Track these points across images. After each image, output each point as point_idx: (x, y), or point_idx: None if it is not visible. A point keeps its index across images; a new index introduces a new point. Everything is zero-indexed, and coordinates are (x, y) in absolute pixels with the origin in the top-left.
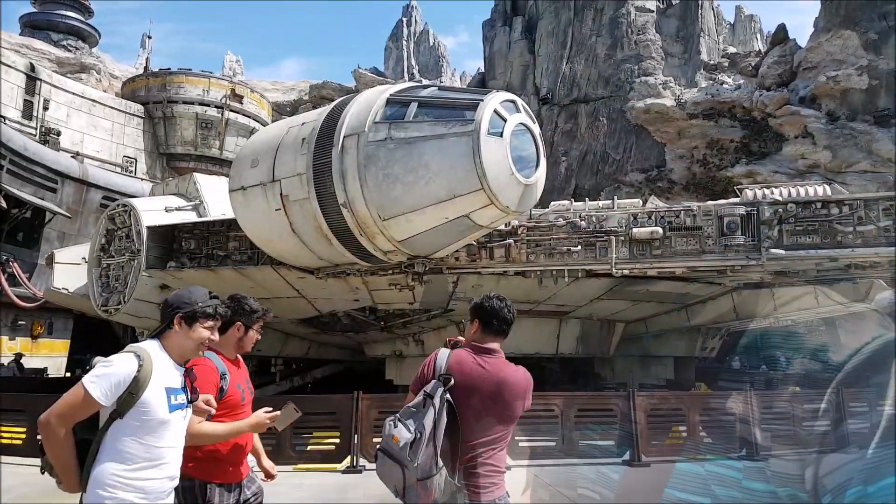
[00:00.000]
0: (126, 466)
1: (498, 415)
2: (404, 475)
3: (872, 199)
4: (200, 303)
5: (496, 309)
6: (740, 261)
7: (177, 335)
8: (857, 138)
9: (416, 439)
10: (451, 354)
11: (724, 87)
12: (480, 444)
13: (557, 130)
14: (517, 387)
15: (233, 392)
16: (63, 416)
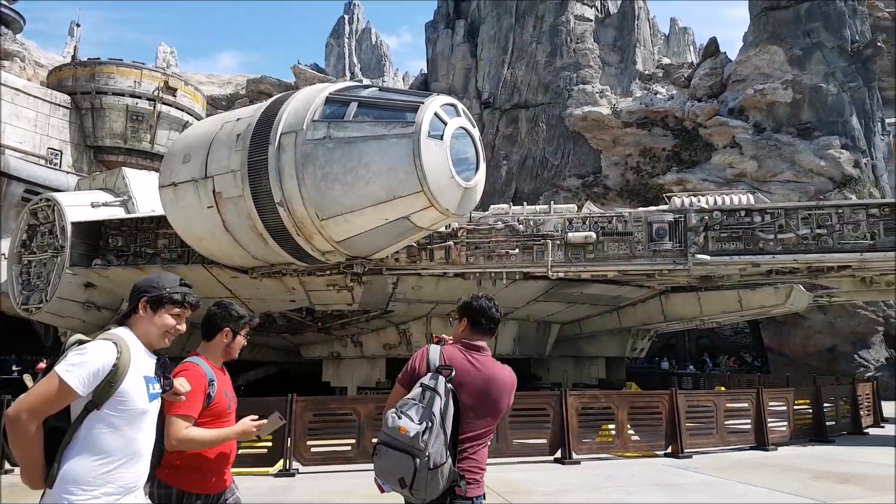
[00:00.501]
0: (104, 461)
1: (485, 411)
2: (415, 464)
3: (792, 208)
4: (168, 288)
5: (484, 308)
6: (668, 265)
7: (142, 320)
8: (782, 149)
9: (427, 428)
10: (442, 350)
11: (657, 97)
12: (467, 439)
13: (499, 134)
14: (504, 384)
15: (220, 399)
16: (35, 411)
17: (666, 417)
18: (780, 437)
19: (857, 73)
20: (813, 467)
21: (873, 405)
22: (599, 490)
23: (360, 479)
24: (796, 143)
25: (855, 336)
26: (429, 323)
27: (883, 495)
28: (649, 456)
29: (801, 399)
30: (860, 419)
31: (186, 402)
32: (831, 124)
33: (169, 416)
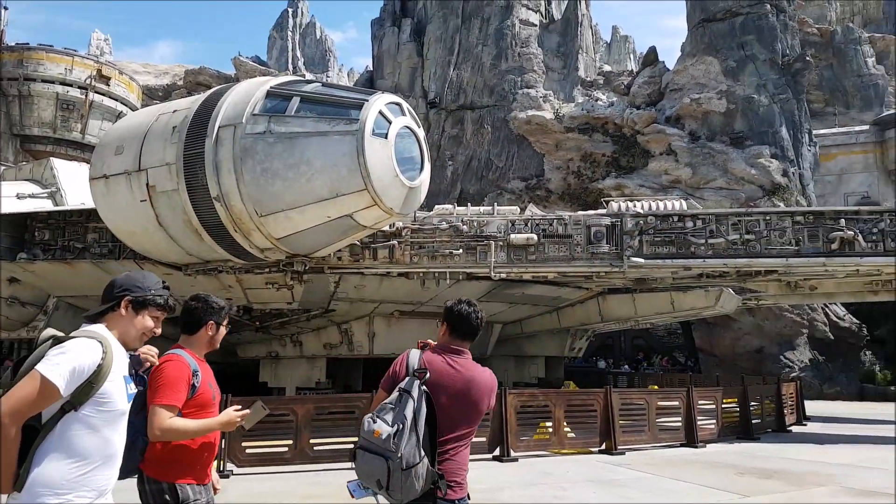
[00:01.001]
0: (80, 464)
1: (465, 413)
2: (389, 466)
3: (722, 214)
4: (153, 290)
5: (464, 314)
6: (605, 268)
7: (121, 319)
8: (715, 157)
9: (398, 431)
10: (422, 354)
11: (598, 104)
12: (447, 441)
13: (444, 135)
14: (484, 386)
15: (204, 390)
16: (17, 414)
17: (601, 415)
18: (709, 434)
19: (787, 85)
20: (739, 463)
21: (797, 404)
22: (535, 486)
23: (297, 480)
24: (729, 152)
25: (781, 338)
26: (371, 322)
27: (803, 490)
28: (584, 453)
29: (729, 398)
30: (784, 417)
31: (170, 392)
32: (762, 134)
33: (152, 406)
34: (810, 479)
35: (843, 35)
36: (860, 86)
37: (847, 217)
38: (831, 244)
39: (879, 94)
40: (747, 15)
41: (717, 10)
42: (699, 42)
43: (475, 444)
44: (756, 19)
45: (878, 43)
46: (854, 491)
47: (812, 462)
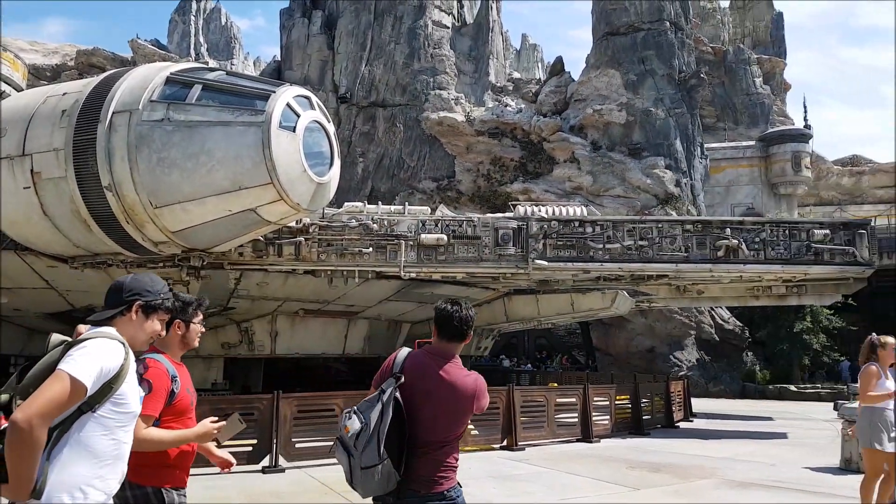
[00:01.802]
0: (95, 466)
1: (446, 415)
2: (350, 463)
3: (619, 221)
4: (163, 294)
5: (448, 315)
6: (511, 269)
7: (130, 324)
8: (614, 166)
9: (361, 430)
10: (408, 354)
11: (507, 110)
12: (429, 442)
13: (355, 131)
14: (465, 390)
15: (183, 396)
16: (47, 416)
17: (503, 413)
18: (604, 429)
19: (683, 100)
20: (630, 457)
21: (684, 401)
22: None
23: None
24: (627, 162)
25: (671, 338)
26: (274, 321)
27: (688, 483)
28: (487, 449)
29: (622, 395)
30: (673, 414)
31: (148, 402)
32: (658, 146)
33: None
34: (695, 472)
35: (734, 55)
36: (748, 104)
37: (732, 227)
38: (717, 252)
39: (765, 112)
40: (648, 31)
41: (620, 25)
42: (603, 54)
43: None
44: (656, 35)
45: (766, 64)
46: (734, 483)
47: (697, 456)
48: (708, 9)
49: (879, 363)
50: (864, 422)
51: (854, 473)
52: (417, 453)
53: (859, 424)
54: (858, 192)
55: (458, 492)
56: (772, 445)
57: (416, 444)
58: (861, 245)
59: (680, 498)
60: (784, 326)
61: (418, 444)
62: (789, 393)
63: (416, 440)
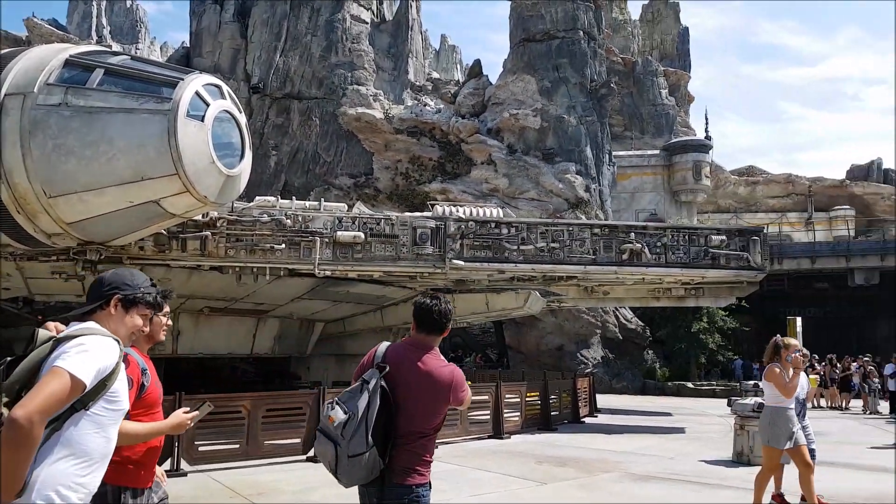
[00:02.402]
0: (85, 464)
1: (424, 406)
2: (337, 452)
3: (533, 223)
4: (143, 288)
5: (428, 309)
6: (429, 268)
7: (110, 318)
8: (529, 170)
9: (348, 420)
10: (389, 347)
11: (426, 109)
12: (409, 433)
13: (268, 123)
14: (441, 382)
15: (153, 389)
16: (46, 413)
17: None
18: (514, 426)
19: (594, 108)
20: (538, 453)
21: (590, 397)
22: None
23: None
24: (541, 166)
25: (578, 337)
26: (176, 320)
27: (592, 476)
28: None
29: (532, 392)
30: (579, 410)
31: None
32: (570, 152)
33: None
34: (599, 465)
35: (642, 66)
36: (654, 114)
37: (636, 231)
38: (623, 255)
39: (670, 122)
40: (562, 39)
41: (536, 32)
42: (519, 60)
43: (289, 447)
44: (570, 44)
45: (671, 76)
46: (635, 476)
47: (601, 450)
48: (619, 20)
49: (781, 363)
50: (765, 420)
51: (745, 466)
52: (398, 443)
53: (762, 422)
54: (753, 201)
55: (426, 490)
56: (670, 440)
57: (398, 433)
58: (754, 251)
59: (584, 491)
60: (682, 326)
61: (399, 434)
62: (686, 390)
63: (397, 430)
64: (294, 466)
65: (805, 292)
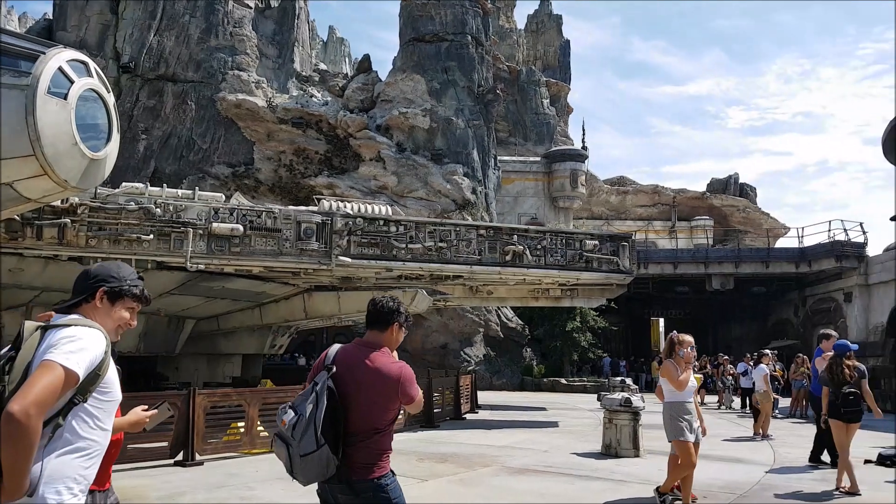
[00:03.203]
0: (86, 457)
1: (375, 402)
2: (289, 452)
3: (421, 223)
4: (129, 280)
5: (370, 306)
6: (313, 265)
7: (96, 311)
8: (418, 170)
9: (297, 421)
10: (340, 348)
11: (313, 100)
12: (361, 429)
13: (139, 105)
14: (390, 379)
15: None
16: (43, 405)
17: None
18: (398, 424)
19: (481, 113)
20: (421, 450)
21: (471, 394)
22: (222, 489)
23: None
24: (430, 166)
25: (462, 335)
26: (29, 313)
27: (471, 471)
28: None
29: None
30: (461, 406)
31: None
32: (457, 154)
33: None
34: (478, 460)
35: (526, 75)
36: (536, 122)
37: (519, 234)
38: (506, 256)
39: (550, 131)
40: (451, 42)
41: (426, 32)
42: (409, 59)
43: (154, 450)
44: (458, 48)
45: (553, 87)
46: (512, 469)
47: (480, 445)
48: (506, 28)
49: (675, 359)
50: (667, 416)
51: (613, 458)
52: (353, 441)
53: (664, 419)
54: (623, 209)
55: (390, 479)
56: (545, 434)
57: (352, 431)
58: (623, 255)
59: (464, 486)
60: (558, 325)
61: (353, 431)
62: (560, 385)
63: (351, 428)
64: (161, 471)
65: (668, 295)
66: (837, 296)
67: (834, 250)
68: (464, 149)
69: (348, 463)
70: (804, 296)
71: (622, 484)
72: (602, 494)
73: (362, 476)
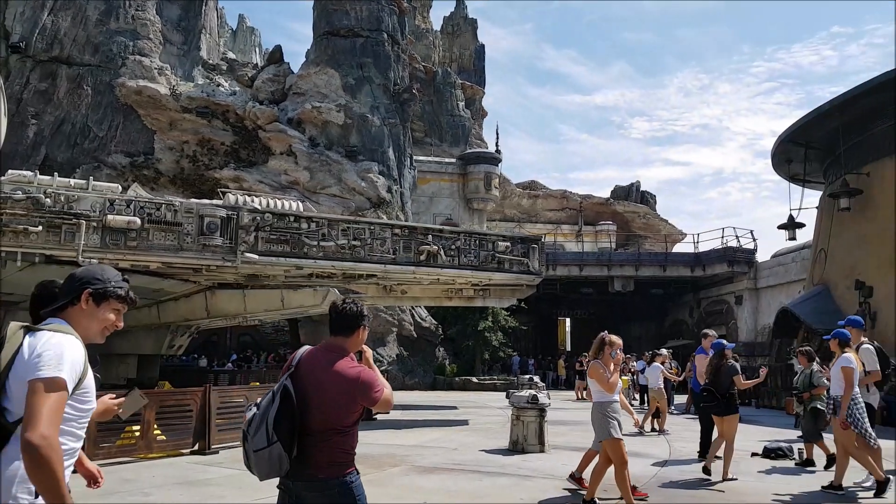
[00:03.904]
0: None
1: (334, 403)
2: (245, 447)
3: (334, 220)
4: (113, 282)
5: (331, 310)
6: (217, 261)
7: (83, 313)
8: (331, 166)
9: (252, 418)
10: (306, 351)
11: (220, 90)
12: (323, 430)
13: (29, 87)
14: (349, 382)
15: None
16: (56, 424)
17: (197, 415)
18: None
19: (397, 111)
20: None
21: None
22: (115, 495)
23: None
24: (344, 163)
25: (376, 335)
26: None
27: (381, 471)
28: (175, 455)
29: None
30: None
31: None
32: (373, 151)
33: None
34: (387, 460)
35: (442, 77)
36: (452, 124)
37: (434, 234)
38: (420, 256)
39: (466, 133)
40: (367, 38)
41: (341, 27)
42: (324, 53)
43: None
44: (374, 45)
45: (468, 90)
46: (421, 468)
47: (390, 445)
48: (422, 28)
49: (603, 360)
50: (597, 416)
51: (520, 454)
52: (313, 440)
53: (594, 419)
54: (534, 213)
55: (354, 476)
56: (455, 432)
57: (311, 431)
58: (533, 257)
59: (373, 487)
60: (470, 325)
61: (312, 431)
62: (472, 384)
63: (310, 428)
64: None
65: (574, 296)
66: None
67: (726, 256)
68: (379, 147)
69: (311, 461)
70: (699, 298)
71: (527, 479)
72: (509, 490)
73: (329, 474)
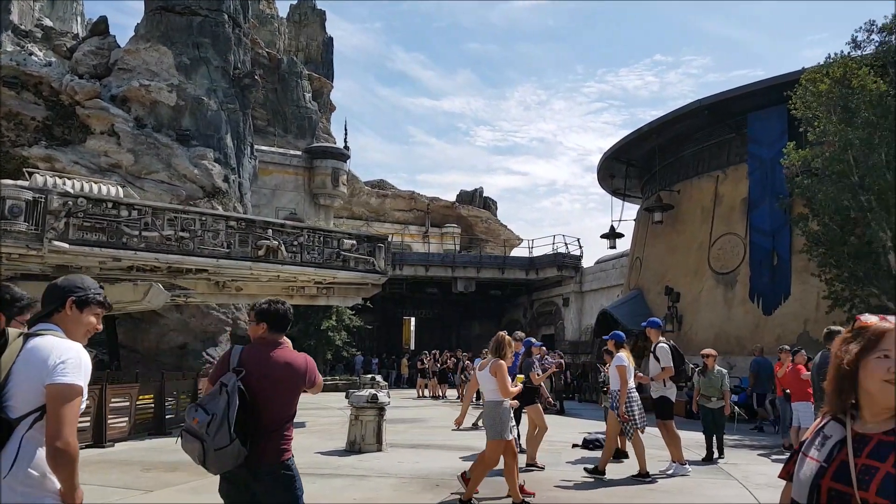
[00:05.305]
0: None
1: (285, 391)
2: (203, 448)
3: (160, 208)
4: (92, 290)
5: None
6: (20, 249)
7: (68, 318)
8: (160, 149)
9: (211, 420)
10: (243, 350)
11: (32, 59)
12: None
13: None
14: (299, 368)
15: None
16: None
17: None
18: (120, 433)
19: (237, 97)
20: (147, 459)
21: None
22: None
23: None
24: (174, 147)
25: (206, 334)
26: None
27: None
28: None
29: (146, 394)
30: None
31: None
32: (208, 137)
33: None
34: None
35: (288, 66)
36: (297, 115)
37: (275, 228)
38: (259, 251)
39: (312, 126)
40: (205, 18)
41: (176, 3)
42: (155, 28)
43: None
44: (213, 25)
45: (316, 82)
46: None
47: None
48: (266, 14)
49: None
50: (492, 414)
51: (357, 454)
52: (265, 432)
53: (487, 418)
54: (382, 212)
55: (291, 460)
56: None
57: (265, 426)
58: (380, 256)
59: (195, 495)
60: (313, 324)
61: (267, 425)
62: None
63: (265, 422)
64: None
65: (419, 296)
66: (558, 300)
67: (556, 261)
68: (216, 132)
69: (263, 452)
70: (532, 299)
71: (363, 479)
72: (342, 491)
73: (272, 460)
